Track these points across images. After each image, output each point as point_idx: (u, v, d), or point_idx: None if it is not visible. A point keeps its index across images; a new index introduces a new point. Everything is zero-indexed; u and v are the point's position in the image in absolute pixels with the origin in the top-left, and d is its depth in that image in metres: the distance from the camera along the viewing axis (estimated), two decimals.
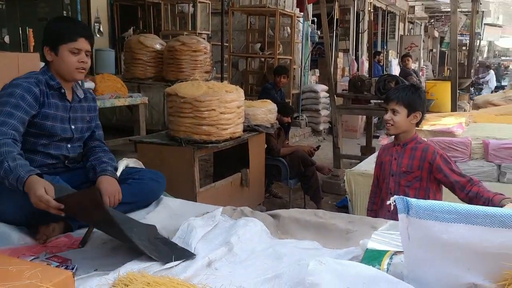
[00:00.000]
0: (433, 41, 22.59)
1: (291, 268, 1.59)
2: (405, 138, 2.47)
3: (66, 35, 2.03)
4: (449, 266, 1.19)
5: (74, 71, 2.06)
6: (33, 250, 1.69)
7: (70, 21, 2.22)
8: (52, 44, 2.04)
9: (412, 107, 2.39)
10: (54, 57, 2.05)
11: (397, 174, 2.48)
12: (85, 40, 2.06)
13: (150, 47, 6.21)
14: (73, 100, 2.17)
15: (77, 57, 2.04)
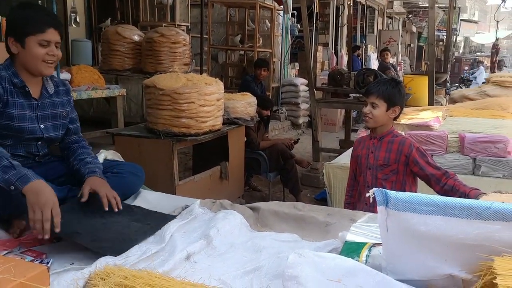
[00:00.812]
0: (411, 36, 22.88)
1: (270, 260, 1.59)
2: (381, 131, 2.50)
3: (34, 26, 1.86)
4: (426, 257, 1.20)
5: (42, 64, 1.91)
6: (6, 245, 1.64)
7: (37, 8, 1.98)
8: (17, 35, 1.86)
9: (391, 101, 2.41)
10: (20, 49, 1.87)
11: (374, 167, 2.50)
12: (54, 31, 1.90)
13: (128, 38, 6.11)
14: (41, 96, 2.02)
15: (46, 50, 1.88)
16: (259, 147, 4.69)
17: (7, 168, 1.64)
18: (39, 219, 1.56)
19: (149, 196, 2.27)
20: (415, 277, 1.24)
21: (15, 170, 1.64)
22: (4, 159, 1.67)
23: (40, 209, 1.57)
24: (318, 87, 6.47)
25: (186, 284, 1.39)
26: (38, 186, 1.63)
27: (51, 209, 1.58)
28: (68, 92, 2.20)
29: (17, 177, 1.62)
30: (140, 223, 1.88)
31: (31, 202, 1.58)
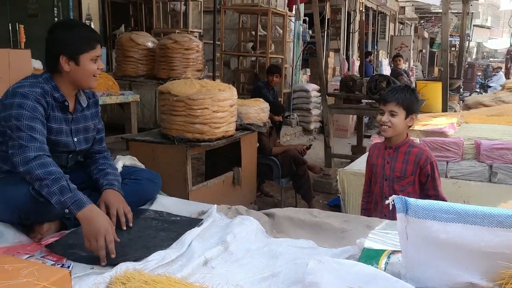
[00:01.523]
0: (423, 42, 22.78)
1: (287, 267, 1.60)
2: (397, 141, 2.43)
3: (87, 43, 1.94)
4: (447, 265, 1.20)
5: (93, 79, 1.99)
6: (28, 249, 1.67)
7: (84, 26, 2.08)
8: (71, 53, 1.92)
9: (410, 109, 2.35)
10: (74, 66, 1.93)
11: (391, 178, 2.43)
12: (100, 46, 2.00)
13: (142, 45, 6.17)
14: (75, 110, 2.07)
15: (96, 64, 1.98)
16: (271, 152, 4.69)
17: (65, 190, 1.68)
18: (94, 248, 1.60)
19: (165, 202, 2.29)
20: (435, 285, 1.24)
21: (71, 193, 1.68)
22: (63, 180, 1.70)
23: (94, 237, 1.60)
24: (331, 93, 6.46)
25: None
26: (91, 213, 1.66)
27: (105, 236, 1.61)
28: (97, 103, 2.24)
29: (72, 201, 1.66)
30: (167, 231, 1.91)
31: (85, 231, 1.62)
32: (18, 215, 1.80)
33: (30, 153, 1.73)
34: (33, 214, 1.80)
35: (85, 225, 1.62)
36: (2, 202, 1.79)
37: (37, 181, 1.69)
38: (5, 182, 1.85)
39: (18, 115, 1.80)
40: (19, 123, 1.79)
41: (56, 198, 1.66)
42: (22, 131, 1.78)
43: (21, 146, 1.75)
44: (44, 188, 1.68)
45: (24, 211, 1.79)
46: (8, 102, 1.85)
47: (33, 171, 1.70)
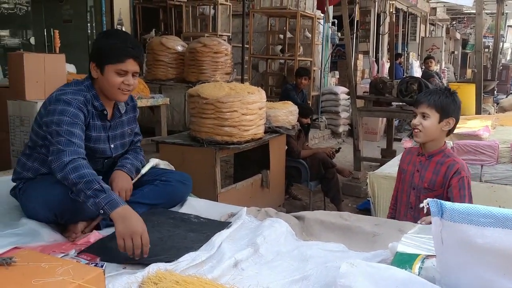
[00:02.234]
0: (455, 43, 22.27)
1: (318, 270, 1.58)
2: (432, 148, 2.25)
3: (114, 55, 1.91)
4: (483, 271, 1.16)
5: (118, 92, 1.96)
6: (63, 248, 1.71)
7: (120, 38, 1.98)
8: (98, 61, 1.94)
9: (445, 111, 2.16)
10: (99, 75, 1.95)
11: (418, 188, 2.27)
12: (133, 61, 1.94)
13: (172, 49, 6.26)
14: (113, 117, 2.09)
15: (122, 78, 1.93)
16: (300, 155, 4.68)
17: (98, 192, 1.67)
18: (129, 247, 1.57)
19: (195, 203, 2.31)
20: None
21: (105, 193, 1.68)
22: (96, 182, 1.70)
23: (129, 236, 1.57)
24: (360, 95, 6.38)
25: None
26: (126, 212, 1.64)
27: (141, 236, 1.59)
28: (135, 108, 2.26)
29: (106, 201, 1.65)
30: (196, 232, 1.93)
31: (119, 229, 1.59)
32: (54, 214, 1.85)
33: (65, 158, 1.74)
34: (68, 213, 1.85)
35: (119, 224, 1.60)
36: (39, 201, 1.85)
37: (73, 186, 1.71)
38: (42, 182, 1.91)
39: (59, 121, 1.83)
40: (59, 128, 1.82)
41: (91, 201, 1.67)
42: (61, 136, 1.80)
43: (59, 151, 1.77)
44: (80, 193, 1.69)
45: (60, 211, 1.83)
46: (51, 108, 1.88)
47: (68, 177, 1.71)
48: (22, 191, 1.99)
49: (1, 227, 1.85)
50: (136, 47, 1.97)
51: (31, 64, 3.88)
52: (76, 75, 5.18)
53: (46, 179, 1.93)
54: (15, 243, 1.66)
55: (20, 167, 2.04)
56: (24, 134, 3.94)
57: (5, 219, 1.97)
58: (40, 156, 1.99)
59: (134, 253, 1.58)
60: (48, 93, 3.94)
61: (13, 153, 4.05)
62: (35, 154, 2.01)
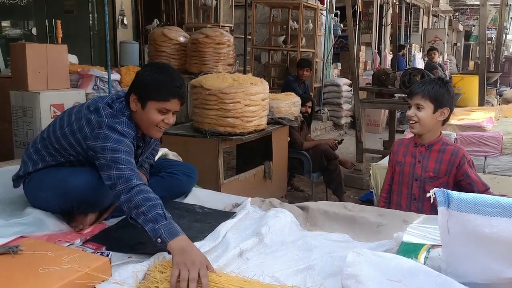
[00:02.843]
0: (457, 35, 22.16)
1: (323, 260, 1.59)
2: (429, 138, 2.26)
3: (160, 93, 1.82)
4: (490, 260, 1.17)
5: (155, 129, 1.89)
6: (68, 237, 1.72)
7: (168, 74, 1.87)
8: (141, 95, 1.85)
9: (439, 102, 2.17)
10: (139, 109, 1.86)
11: (422, 178, 2.26)
12: (177, 101, 1.86)
13: (174, 40, 6.22)
14: (145, 143, 2.05)
15: (163, 117, 1.86)
16: (302, 147, 4.67)
17: (160, 217, 1.57)
18: (184, 278, 1.39)
19: (199, 194, 2.32)
20: (477, 280, 1.21)
21: (166, 221, 1.57)
22: (159, 207, 1.61)
23: (187, 268, 1.40)
24: (363, 87, 6.36)
25: (240, 280, 1.41)
26: (185, 243, 1.52)
27: (199, 270, 1.41)
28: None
29: (166, 229, 1.54)
30: (201, 223, 1.93)
31: (177, 260, 1.44)
32: (71, 204, 1.84)
33: (133, 181, 1.66)
34: (85, 205, 1.85)
35: (177, 255, 1.45)
36: (55, 191, 1.82)
37: (135, 209, 1.60)
38: (59, 172, 1.88)
39: (115, 148, 1.75)
40: (116, 155, 1.73)
41: (150, 226, 1.55)
42: (119, 163, 1.71)
43: (122, 177, 1.68)
44: (140, 216, 1.59)
45: (78, 202, 1.82)
46: (103, 134, 1.79)
47: (132, 199, 1.62)
48: (29, 180, 1.98)
49: (6, 217, 1.85)
50: (183, 87, 1.89)
51: (33, 54, 3.87)
52: (78, 65, 5.18)
53: (62, 169, 1.90)
54: (21, 232, 1.67)
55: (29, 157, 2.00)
56: (27, 125, 3.94)
57: (10, 208, 1.97)
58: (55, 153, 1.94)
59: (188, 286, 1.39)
60: (50, 83, 3.97)
61: (16, 143, 4.05)
62: (51, 151, 1.95)
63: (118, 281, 1.35)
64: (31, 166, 1.97)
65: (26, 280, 1.22)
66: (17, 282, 1.20)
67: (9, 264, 1.30)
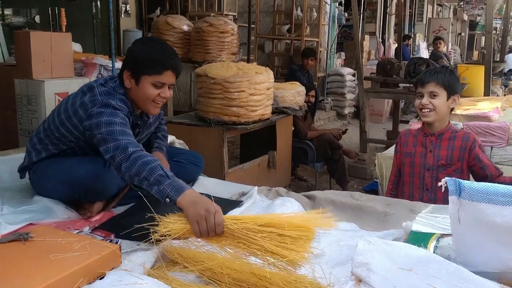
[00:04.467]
0: (462, 25, 21.99)
1: (331, 248, 1.59)
2: (439, 127, 2.27)
3: (153, 66, 1.81)
4: (501, 249, 1.17)
5: (151, 104, 1.88)
6: (77, 224, 1.73)
7: (158, 47, 1.87)
8: (134, 70, 1.84)
9: (451, 89, 2.19)
10: (134, 85, 1.85)
11: (435, 168, 2.26)
12: (171, 73, 1.85)
13: (178, 28, 6.19)
14: (143, 122, 2.04)
15: (158, 91, 1.84)
16: (306, 137, 4.67)
17: (162, 178, 1.57)
18: (204, 230, 1.43)
19: (205, 182, 2.32)
20: (487, 269, 1.21)
21: (169, 179, 1.57)
22: (159, 168, 1.60)
23: (204, 218, 1.43)
24: (368, 76, 6.32)
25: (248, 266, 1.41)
26: (193, 196, 1.53)
27: (214, 216, 1.44)
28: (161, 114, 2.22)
29: (171, 188, 1.54)
30: None
31: (190, 214, 1.46)
32: (78, 194, 1.85)
33: (129, 149, 1.65)
34: (92, 194, 1.85)
35: (189, 209, 1.47)
36: (62, 181, 1.83)
37: (136, 176, 1.59)
38: (64, 162, 1.88)
39: (110, 121, 1.73)
40: (111, 128, 1.71)
41: (155, 189, 1.56)
42: (115, 135, 1.69)
43: (119, 147, 1.66)
44: (143, 181, 1.58)
45: (85, 191, 1.82)
46: (97, 111, 1.77)
47: (132, 166, 1.61)
48: (35, 169, 1.98)
49: (15, 204, 1.86)
50: (175, 58, 1.88)
51: (37, 42, 3.85)
52: (82, 54, 5.16)
53: (67, 159, 1.91)
54: (30, 219, 1.68)
55: (33, 147, 2.01)
56: (31, 113, 3.94)
57: (19, 196, 1.98)
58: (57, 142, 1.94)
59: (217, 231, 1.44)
60: (55, 71, 3.96)
61: (20, 131, 4.05)
62: (53, 139, 1.96)
63: (127, 268, 1.36)
64: (34, 156, 1.98)
65: (38, 266, 1.22)
66: (29, 268, 1.21)
67: (20, 251, 1.31)
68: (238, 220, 1.44)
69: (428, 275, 1.10)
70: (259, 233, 1.37)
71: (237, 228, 1.40)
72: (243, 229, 1.39)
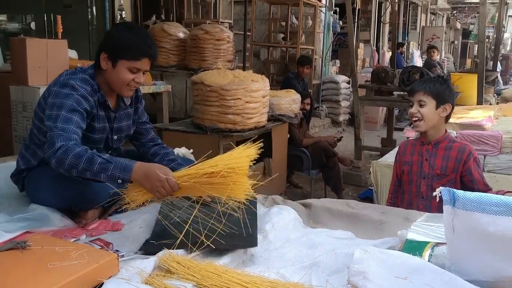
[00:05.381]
0: (455, 33, 22.20)
1: (327, 256, 1.60)
2: (435, 136, 2.30)
3: (131, 52, 1.85)
4: (494, 258, 1.18)
5: (125, 88, 1.92)
6: (74, 232, 1.73)
7: (139, 34, 1.90)
8: (112, 54, 1.87)
9: (441, 98, 2.22)
10: (110, 67, 1.88)
11: (430, 176, 2.30)
12: (148, 61, 1.89)
13: (173, 35, 6.21)
14: (118, 108, 2.05)
15: (133, 76, 1.89)
16: (302, 144, 4.69)
17: (105, 164, 1.64)
18: (164, 194, 1.66)
19: None
20: (481, 278, 1.23)
21: (112, 163, 1.65)
22: (97, 157, 1.65)
23: (160, 187, 1.64)
24: (362, 84, 6.38)
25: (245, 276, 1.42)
26: (143, 169, 1.66)
27: (167, 181, 1.63)
28: (139, 99, 2.20)
29: (119, 170, 1.64)
30: None
31: (148, 187, 1.65)
32: (68, 202, 1.85)
33: (56, 144, 1.67)
34: (81, 202, 1.86)
35: (144, 183, 1.65)
36: (49, 191, 1.84)
37: (72, 168, 1.64)
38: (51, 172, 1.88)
39: (61, 105, 1.76)
40: (58, 112, 1.75)
41: (103, 176, 1.65)
42: (57, 122, 1.73)
43: (51, 138, 1.69)
44: (84, 172, 1.64)
45: (73, 200, 1.83)
46: (56, 90, 1.82)
47: (63, 161, 1.64)
48: (28, 180, 1.98)
49: (11, 212, 1.86)
50: (153, 47, 1.93)
51: (33, 49, 3.85)
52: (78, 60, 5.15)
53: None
54: (26, 227, 1.67)
55: (22, 155, 2.02)
56: (26, 120, 3.93)
57: (15, 203, 1.98)
58: (42, 144, 1.92)
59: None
60: (50, 78, 3.96)
61: (15, 138, 4.04)
62: (38, 142, 1.97)
63: (125, 277, 1.36)
64: (22, 163, 2.00)
65: (36, 275, 1.22)
66: (27, 277, 1.21)
67: (18, 259, 1.31)
68: (186, 175, 1.68)
69: (423, 284, 1.11)
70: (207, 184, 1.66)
71: (188, 183, 1.66)
72: (194, 183, 1.65)
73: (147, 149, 2.22)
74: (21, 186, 2.04)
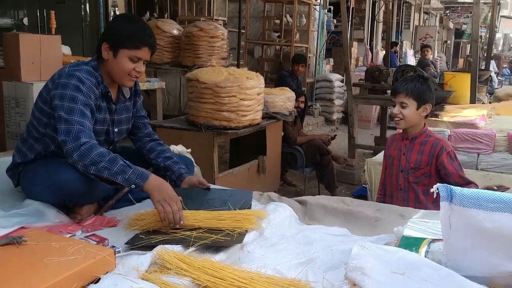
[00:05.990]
0: (448, 32, 22.32)
1: (323, 253, 1.61)
2: (413, 132, 2.41)
3: (131, 41, 1.88)
4: (490, 254, 1.19)
5: (127, 77, 1.95)
6: (69, 228, 1.72)
7: (139, 24, 1.94)
8: (113, 43, 1.90)
9: (422, 99, 2.32)
10: (111, 57, 1.91)
11: (406, 170, 2.41)
12: (148, 50, 1.93)
13: (168, 32, 6.18)
14: (118, 101, 2.07)
15: (134, 65, 1.92)
16: (296, 142, 4.69)
17: (125, 168, 1.73)
18: (169, 211, 1.68)
19: None
20: (477, 273, 1.24)
21: (132, 168, 1.74)
22: (120, 159, 1.75)
23: (168, 203, 1.69)
24: (356, 83, 6.40)
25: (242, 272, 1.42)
26: (157, 181, 1.76)
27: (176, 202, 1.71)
28: (138, 93, 2.21)
29: (136, 175, 1.73)
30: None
31: (157, 198, 1.71)
32: (62, 198, 1.84)
33: (82, 138, 1.72)
34: (76, 197, 1.84)
35: (155, 193, 1.72)
36: (45, 185, 1.82)
37: (93, 165, 1.71)
38: (47, 166, 1.88)
39: (73, 97, 1.79)
40: (73, 105, 1.77)
41: (120, 177, 1.72)
42: (74, 115, 1.76)
43: (71, 132, 1.73)
44: (103, 171, 1.72)
45: (68, 195, 1.82)
46: (63, 82, 1.83)
47: (87, 156, 1.71)
48: (23, 174, 1.97)
49: (6, 208, 1.84)
50: (153, 37, 1.96)
51: (27, 45, 3.82)
52: (71, 56, 5.12)
53: (50, 162, 1.90)
54: (21, 223, 1.66)
55: (18, 150, 2.01)
56: (19, 116, 3.90)
57: (9, 199, 1.96)
58: (41, 137, 1.95)
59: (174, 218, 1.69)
60: (44, 74, 3.93)
61: (8, 134, 4.01)
62: (36, 135, 1.96)
63: (122, 272, 1.36)
64: (18, 157, 1.99)
65: (32, 270, 1.22)
66: (23, 272, 1.21)
67: (14, 254, 1.30)
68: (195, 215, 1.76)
69: (420, 279, 1.12)
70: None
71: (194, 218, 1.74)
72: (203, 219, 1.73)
73: (144, 144, 2.22)
74: (16, 181, 2.03)
